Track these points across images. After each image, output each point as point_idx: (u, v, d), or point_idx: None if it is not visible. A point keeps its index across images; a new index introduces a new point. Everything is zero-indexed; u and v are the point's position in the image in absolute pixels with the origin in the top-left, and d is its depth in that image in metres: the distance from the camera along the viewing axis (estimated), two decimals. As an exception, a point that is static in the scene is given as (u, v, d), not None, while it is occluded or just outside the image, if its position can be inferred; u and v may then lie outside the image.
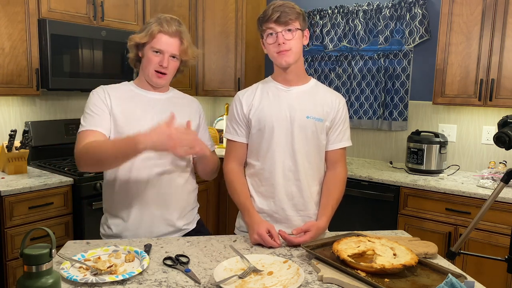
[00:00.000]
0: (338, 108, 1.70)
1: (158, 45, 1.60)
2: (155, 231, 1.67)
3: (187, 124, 1.51)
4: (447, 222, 2.61)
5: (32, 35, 2.58)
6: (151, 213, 1.66)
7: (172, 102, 1.73)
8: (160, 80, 1.66)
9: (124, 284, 1.21)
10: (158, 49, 1.61)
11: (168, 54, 1.62)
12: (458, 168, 3.10)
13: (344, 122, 1.72)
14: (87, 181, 2.58)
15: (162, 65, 1.62)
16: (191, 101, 1.83)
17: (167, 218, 1.68)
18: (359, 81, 3.50)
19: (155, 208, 1.66)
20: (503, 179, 1.92)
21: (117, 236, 1.68)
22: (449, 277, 1.12)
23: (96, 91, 1.69)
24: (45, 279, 1.00)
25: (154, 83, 1.67)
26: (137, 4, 3.15)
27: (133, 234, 1.66)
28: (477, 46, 2.70)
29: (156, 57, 1.62)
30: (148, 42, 1.61)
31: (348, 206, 3.00)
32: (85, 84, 2.84)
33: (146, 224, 1.66)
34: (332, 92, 1.76)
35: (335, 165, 1.73)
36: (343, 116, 1.71)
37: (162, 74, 1.64)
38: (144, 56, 1.65)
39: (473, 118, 3.06)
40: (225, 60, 3.76)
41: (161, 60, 1.61)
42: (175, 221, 1.70)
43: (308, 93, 1.69)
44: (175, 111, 1.51)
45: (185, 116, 1.67)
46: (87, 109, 1.65)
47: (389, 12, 3.26)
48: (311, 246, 1.42)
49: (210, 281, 1.23)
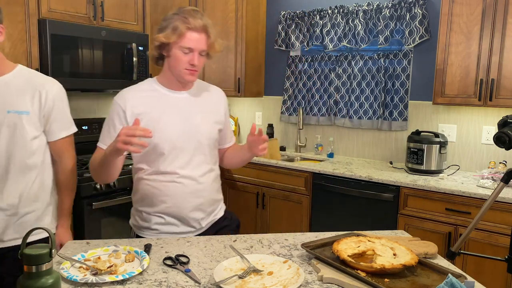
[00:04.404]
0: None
1: (188, 44, 1.57)
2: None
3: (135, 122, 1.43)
4: (447, 222, 2.61)
5: (32, 35, 2.58)
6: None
7: (197, 99, 1.73)
8: (192, 77, 1.64)
9: (124, 284, 1.21)
10: (188, 48, 1.58)
11: (198, 51, 1.59)
12: (458, 168, 3.10)
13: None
14: (87, 181, 2.58)
15: (193, 63, 1.59)
16: (214, 93, 1.82)
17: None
18: (359, 81, 3.50)
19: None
20: (503, 179, 1.92)
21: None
22: (449, 277, 1.12)
23: (115, 101, 1.67)
24: (45, 279, 1.00)
25: (185, 80, 1.66)
26: (137, 4, 3.15)
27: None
28: (477, 46, 2.70)
29: (186, 56, 1.58)
30: (176, 41, 1.57)
31: (348, 206, 3.00)
32: (85, 84, 2.84)
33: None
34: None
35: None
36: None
37: (193, 71, 1.62)
38: (171, 55, 1.60)
39: (473, 118, 3.06)
40: (225, 60, 3.76)
41: (191, 59, 1.59)
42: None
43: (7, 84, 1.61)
44: (200, 107, 1.67)
45: (209, 109, 1.73)
46: (106, 121, 1.69)
47: (389, 12, 3.26)
48: (311, 246, 1.42)
49: (210, 281, 1.23)
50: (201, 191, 1.70)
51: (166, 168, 1.65)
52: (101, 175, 1.61)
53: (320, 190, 3.11)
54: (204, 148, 1.71)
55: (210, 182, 1.74)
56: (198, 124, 1.69)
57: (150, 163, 1.66)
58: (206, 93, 1.78)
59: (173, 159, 1.65)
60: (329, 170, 3.06)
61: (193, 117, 1.69)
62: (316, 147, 3.70)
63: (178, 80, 1.66)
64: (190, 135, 1.67)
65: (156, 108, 1.64)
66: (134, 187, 1.75)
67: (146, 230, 1.72)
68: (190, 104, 1.70)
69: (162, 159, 1.64)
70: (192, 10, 1.60)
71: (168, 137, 1.62)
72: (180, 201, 1.67)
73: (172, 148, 1.63)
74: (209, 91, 1.80)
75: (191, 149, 1.67)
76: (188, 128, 1.66)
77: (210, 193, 1.75)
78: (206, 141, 1.71)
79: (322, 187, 3.10)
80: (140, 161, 1.69)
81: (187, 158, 1.67)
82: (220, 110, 1.80)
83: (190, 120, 1.67)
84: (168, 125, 1.63)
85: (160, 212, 1.69)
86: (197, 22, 1.56)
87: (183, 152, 1.66)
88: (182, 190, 1.67)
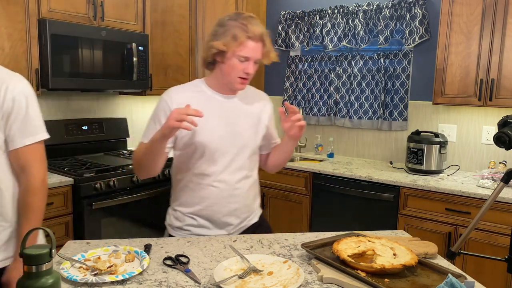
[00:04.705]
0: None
1: (245, 53, 1.55)
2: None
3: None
4: (447, 222, 2.61)
5: (32, 35, 2.58)
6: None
7: (242, 104, 1.71)
8: (243, 86, 1.63)
9: (124, 284, 1.21)
10: (245, 57, 1.55)
11: (253, 60, 1.58)
12: (458, 168, 3.10)
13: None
14: (87, 181, 2.58)
15: (247, 72, 1.58)
16: (260, 98, 1.80)
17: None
18: (359, 81, 3.50)
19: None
20: (503, 179, 1.92)
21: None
22: (449, 277, 1.12)
23: (163, 98, 1.66)
24: (45, 279, 1.00)
25: (236, 89, 1.65)
26: (137, 4, 3.15)
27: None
28: (477, 46, 2.70)
29: (241, 64, 1.56)
30: (234, 50, 1.55)
31: (348, 206, 3.00)
32: (85, 84, 2.84)
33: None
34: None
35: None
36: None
37: (245, 79, 1.61)
38: (226, 62, 1.58)
39: (473, 118, 3.06)
40: (225, 60, 3.76)
41: (246, 67, 1.57)
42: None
43: None
44: (244, 112, 1.66)
45: (254, 115, 1.72)
46: (151, 116, 1.66)
47: (389, 12, 3.26)
48: (311, 246, 1.42)
49: (210, 281, 1.23)
50: (236, 197, 1.69)
51: (203, 170, 1.65)
52: (145, 165, 1.59)
53: (320, 190, 3.11)
54: (244, 154, 1.69)
55: (246, 188, 1.72)
56: (240, 129, 1.67)
57: (189, 164, 1.67)
58: (252, 98, 1.76)
59: (211, 162, 1.64)
60: (329, 170, 3.05)
61: (237, 122, 1.67)
62: (316, 147, 3.70)
63: (228, 86, 1.66)
64: (232, 140, 1.66)
65: (200, 109, 1.63)
66: (173, 186, 1.77)
67: (178, 230, 1.73)
68: (235, 108, 1.69)
69: (200, 161, 1.64)
70: (250, 17, 1.57)
71: (209, 139, 1.62)
72: (215, 204, 1.67)
73: (212, 150, 1.63)
74: (255, 97, 1.78)
75: (231, 153, 1.66)
76: (230, 133, 1.65)
77: (245, 199, 1.73)
78: (247, 147, 1.69)
79: (322, 187, 3.10)
80: (179, 161, 1.70)
81: (226, 162, 1.66)
82: (264, 117, 1.76)
83: (233, 124, 1.66)
84: (210, 127, 1.62)
85: (193, 213, 1.69)
86: (256, 30, 1.54)
87: (222, 156, 1.65)
88: (217, 194, 1.67)
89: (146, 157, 1.56)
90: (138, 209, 2.86)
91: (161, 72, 3.42)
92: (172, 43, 3.47)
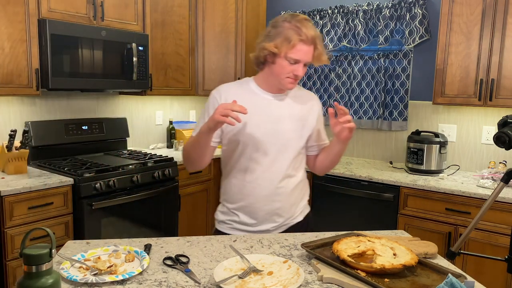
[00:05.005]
0: None
1: (296, 55, 1.55)
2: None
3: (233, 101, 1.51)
4: (447, 222, 2.61)
5: (32, 35, 2.58)
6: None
7: (289, 104, 1.72)
8: (292, 85, 1.63)
9: (124, 284, 1.21)
10: (295, 60, 1.56)
11: (303, 62, 1.58)
12: (458, 168, 3.10)
13: None
14: (87, 181, 2.58)
15: (297, 74, 1.58)
16: (308, 99, 1.79)
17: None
18: (359, 81, 3.50)
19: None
20: (503, 179, 1.92)
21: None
22: (449, 277, 1.12)
23: (212, 94, 1.70)
24: (45, 279, 1.00)
25: (286, 88, 1.66)
26: (137, 4, 3.14)
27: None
28: (477, 46, 2.70)
29: (291, 66, 1.57)
30: (285, 52, 1.55)
31: (348, 206, 3.00)
32: (85, 84, 2.84)
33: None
34: None
35: None
36: None
37: (294, 80, 1.62)
38: (276, 62, 1.59)
39: (473, 118, 3.06)
40: (225, 60, 3.76)
41: (295, 69, 1.57)
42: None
43: None
44: (291, 112, 1.66)
45: (300, 116, 1.71)
46: (202, 111, 1.71)
47: (389, 12, 3.26)
48: (311, 246, 1.42)
49: (210, 281, 1.23)
50: (278, 196, 1.70)
51: (246, 167, 1.67)
52: (193, 158, 1.66)
53: (320, 190, 3.11)
54: (288, 154, 1.69)
55: (290, 188, 1.72)
56: (285, 129, 1.68)
57: (233, 160, 1.70)
58: (300, 99, 1.76)
59: (254, 159, 1.66)
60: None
61: (281, 121, 1.68)
62: (316, 147, 3.69)
63: (277, 86, 1.67)
64: (276, 139, 1.66)
65: (247, 107, 1.63)
66: (221, 181, 1.80)
67: (222, 224, 1.77)
68: (282, 108, 1.69)
69: (243, 157, 1.67)
70: (305, 19, 1.57)
71: (253, 136, 1.64)
72: (256, 202, 1.69)
73: (254, 147, 1.65)
74: (303, 97, 1.77)
75: (273, 152, 1.66)
76: (274, 131, 1.66)
77: (288, 198, 1.73)
78: (291, 146, 1.69)
79: (322, 187, 3.10)
80: (225, 156, 1.74)
81: (268, 160, 1.67)
82: (312, 117, 1.75)
83: (277, 123, 1.67)
84: (255, 125, 1.64)
85: (236, 209, 1.73)
86: (309, 33, 1.54)
87: (264, 153, 1.66)
88: (259, 192, 1.68)
89: (193, 150, 1.63)
90: (138, 209, 2.86)
91: (161, 72, 3.42)
92: (172, 43, 3.47)
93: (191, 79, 3.69)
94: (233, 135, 1.65)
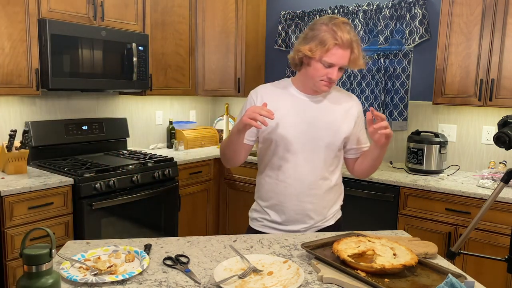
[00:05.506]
0: None
1: (331, 59, 1.54)
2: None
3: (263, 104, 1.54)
4: (447, 222, 2.61)
5: (32, 35, 2.58)
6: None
7: (326, 106, 1.71)
8: (327, 88, 1.63)
9: (124, 284, 1.21)
10: (329, 63, 1.55)
11: (338, 66, 1.56)
12: (458, 168, 3.10)
13: None
14: (87, 181, 2.58)
15: (331, 77, 1.57)
16: (346, 101, 1.76)
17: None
18: (359, 81, 3.50)
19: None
20: (503, 179, 1.92)
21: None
22: (449, 277, 1.12)
23: (250, 94, 1.74)
24: (45, 279, 1.00)
25: (321, 90, 1.65)
26: (137, 4, 3.15)
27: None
28: (477, 46, 2.70)
29: (325, 70, 1.56)
30: (320, 55, 1.54)
31: (348, 206, 3.00)
32: (85, 84, 2.84)
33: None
34: None
35: None
36: None
37: (328, 83, 1.61)
38: (311, 65, 1.59)
39: (473, 118, 3.06)
40: (225, 60, 3.76)
41: (330, 73, 1.56)
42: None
43: None
44: (327, 113, 1.67)
45: (337, 117, 1.69)
46: (240, 111, 1.74)
47: (389, 12, 3.26)
48: (311, 246, 1.42)
49: (210, 281, 1.23)
50: (309, 197, 1.70)
51: (278, 166, 1.69)
52: (227, 155, 1.72)
53: (320, 190, 3.11)
54: (322, 155, 1.69)
55: (322, 190, 1.72)
56: (320, 130, 1.67)
57: (266, 158, 1.72)
58: (338, 100, 1.74)
59: (286, 159, 1.67)
60: (329, 170, 3.05)
61: (316, 123, 1.67)
62: (316, 147, 3.69)
63: (312, 87, 1.67)
64: (309, 139, 1.66)
65: (283, 107, 1.65)
66: (256, 178, 1.84)
67: (255, 221, 1.81)
68: (318, 109, 1.69)
69: (276, 156, 1.69)
70: (343, 22, 1.55)
71: (286, 137, 1.65)
72: (286, 201, 1.70)
73: (286, 147, 1.66)
74: (342, 99, 1.75)
75: (307, 153, 1.67)
76: (309, 132, 1.66)
77: (321, 201, 1.72)
78: (324, 148, 1.68)
79: (322, 187, 3.09)
80: (260, 154, 1.77)
81: (301, 161, 1.67)
82: (348, 120, 1.72)
83: (313, 124, 1.67)
84: (289, 125, 1.65)
85: (268, 207, 1.75)
86: (345, 37, 1.52)
87: (298, 154, 1.66)
88: (289, 192, 1.69)
89: (227, 148, 1.70)
90: (138, 209, 2.87)
91: (161, 72, 3.42)
92: (172, 43, 3.47)
93: (191, 79, 3.69)
94: (267, 134, 1.68)
